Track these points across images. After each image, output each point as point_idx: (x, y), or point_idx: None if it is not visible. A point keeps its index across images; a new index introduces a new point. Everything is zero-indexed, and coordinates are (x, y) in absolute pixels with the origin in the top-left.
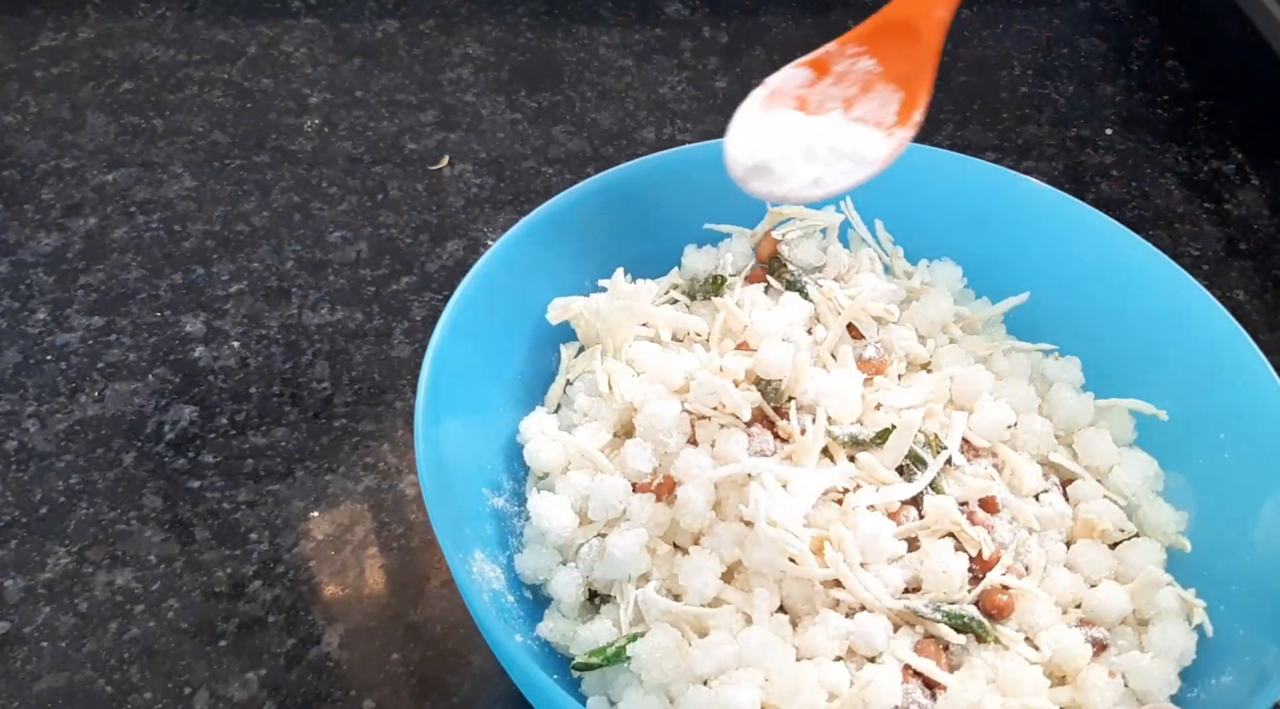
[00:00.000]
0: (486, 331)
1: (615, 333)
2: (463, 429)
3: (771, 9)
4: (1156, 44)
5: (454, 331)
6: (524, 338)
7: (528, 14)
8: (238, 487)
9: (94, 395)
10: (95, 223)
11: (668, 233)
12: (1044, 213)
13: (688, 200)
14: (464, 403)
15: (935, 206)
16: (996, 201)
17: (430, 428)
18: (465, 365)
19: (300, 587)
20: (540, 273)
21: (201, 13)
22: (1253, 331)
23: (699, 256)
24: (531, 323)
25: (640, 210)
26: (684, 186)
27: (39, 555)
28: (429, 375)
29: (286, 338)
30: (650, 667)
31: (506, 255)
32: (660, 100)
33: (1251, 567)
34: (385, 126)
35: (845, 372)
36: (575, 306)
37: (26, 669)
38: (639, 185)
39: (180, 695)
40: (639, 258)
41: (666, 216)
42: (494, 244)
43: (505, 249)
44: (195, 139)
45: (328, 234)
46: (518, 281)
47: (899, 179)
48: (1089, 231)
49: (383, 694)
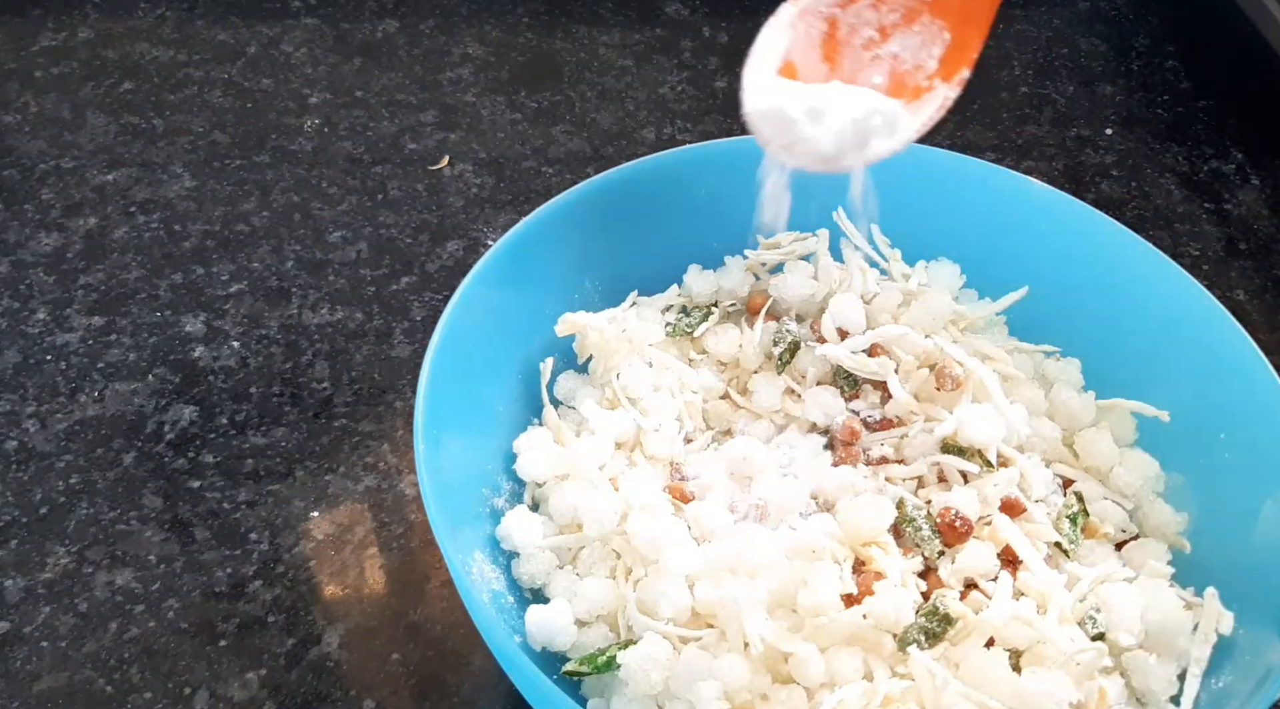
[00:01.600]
0: (486, 333)
1: (611, 357)
2: (462, 430)
3: (771, 9)
4: (1156, 44)
5: (453, 333)
6: (524, 339)
7: (528, 14)
8: (238, 487)
9: (94, 395)
10: (95, 223)
11: (670, 233)
12: (1044, 213)
13: (689, 200)
14: (464, 404)
15: (935, 207)
16: (997, 202)
17: (430, 429)
18: (465, 367)
19: (300, 587)
20: (540, 273)
21: (201, 13)
22: (1253, 332)
23: (700, 279)
24: (532, 324)
25: (641, 210)
26: (685, 186)
27: (39, 555)
28: (429, 376)
29: (286, 338)
30: (639, 677)
31: (507, 256)
32: (660, 100)
33: (1251, 566)
34: (385, 126)
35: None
36: (581, 322)
37: (26, 669)
38: (640, 185)
39: (180, 695)
40: (640, 258)
41: (668, 216)
42: (494, 244)
43: (506, 250)
44: (195, 139)
45: (328, 234)
46: (518, 282)
47: (899, 179)
48: (1089, 232)
49: (383, 694)
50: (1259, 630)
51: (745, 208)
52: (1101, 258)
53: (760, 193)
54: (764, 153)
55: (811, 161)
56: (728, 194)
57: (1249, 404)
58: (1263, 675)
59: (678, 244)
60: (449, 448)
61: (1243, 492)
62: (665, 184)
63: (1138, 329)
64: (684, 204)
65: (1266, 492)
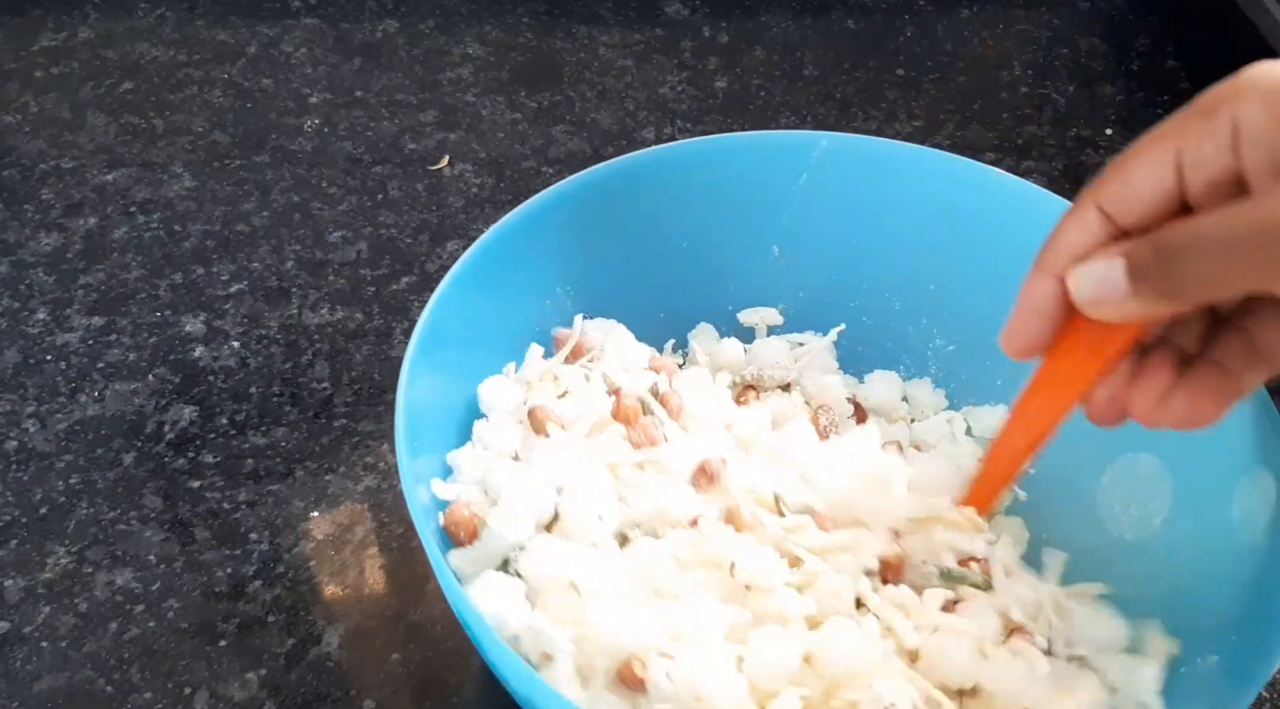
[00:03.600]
0: (464, 339)
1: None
2: (440, 439)
3: (771, 9)
4: (1156, 44)
5: (425, 348)
6: (505, 344)
7: (528, 14)
8: (238, 487)
9: (94, 395)
10: (95, 223)
11: (656, 229)
12: (1015, 208)
13: (676, 196)
14: (440, 413)
15: (886, 199)
16: (961, 192)
17: (412, 441)
18: (439, 381)
19: (300, 587)
20: (522, 272)
21: (201, 13)
22: None
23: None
24: (509, 330)
25: (626, 208)
26: (669, 182)
27: (39, 555)
28: (405, 402)
29: (286, 338)
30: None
31: (488, 255)
32: (660, 100)
33: (1221, 551)
34: (385, 126)
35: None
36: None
37: (26, 669)
38: (622, 183)
39: (180, 695)
40: (624, 254)
41: (653, 213)
42: (472, 246)
43: (480, 254)
44: (195, 139)
45: (328, 234)
46: (491, 290)
47: (892, 176)
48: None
49: (383, 694)
50: (1229, 622)
51: (710, 208)
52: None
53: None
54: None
55: None
56: (718, 190)
57: None
58: (1241, 670)
59: (664, 241)
60: (430, 458)
61: (1217, 480)
62: (649, 180)
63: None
64: (673, 200)
65: (1235, 481)
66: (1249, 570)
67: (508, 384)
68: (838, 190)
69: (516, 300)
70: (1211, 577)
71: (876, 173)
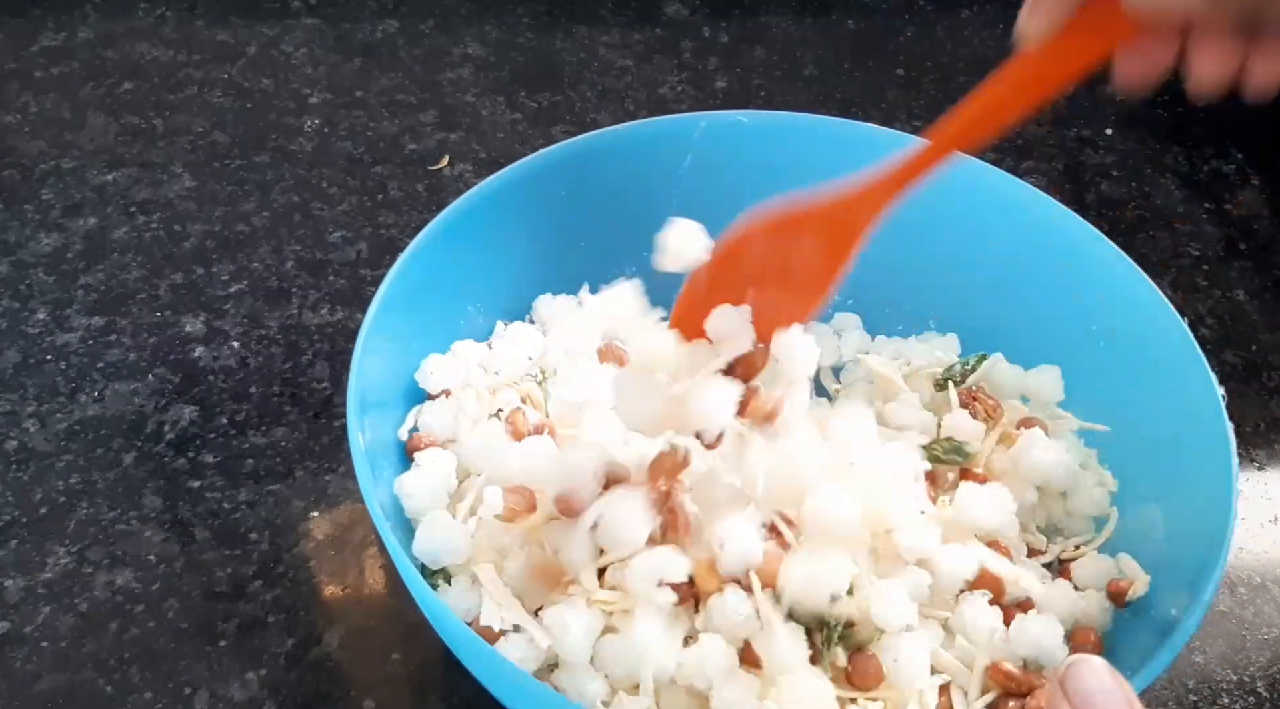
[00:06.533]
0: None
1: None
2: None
3: (771, 9)
4: None
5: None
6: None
7: (528, 14)
8: (238, 487)
9: (94, 395)
10: (95, 223)
11: (622, 210)
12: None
13: (637, 176)
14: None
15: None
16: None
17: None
18: (385, 379)
19: (300, 587)
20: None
21: (201, 13)
22: (1253, 332)
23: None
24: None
25: (592, 187)
26: (630, 162)
27: (39, 555)
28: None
29: (286, 338)
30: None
31: (421, 259)
32: (660, 100)
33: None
34: (385, 126)
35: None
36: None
37: (26, 669)
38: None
39: (180, 695)
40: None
41: (618, 194)
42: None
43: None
44: (195, 139)
45: (328, 234)
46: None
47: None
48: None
49: (383, 694)
50: (1169, 582)
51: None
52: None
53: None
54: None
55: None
56: (694, 173)
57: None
58: (1167, 626)
59: (634, 220)
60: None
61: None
62: (610, 160)
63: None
64: (635, 180)
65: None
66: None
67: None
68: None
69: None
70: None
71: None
